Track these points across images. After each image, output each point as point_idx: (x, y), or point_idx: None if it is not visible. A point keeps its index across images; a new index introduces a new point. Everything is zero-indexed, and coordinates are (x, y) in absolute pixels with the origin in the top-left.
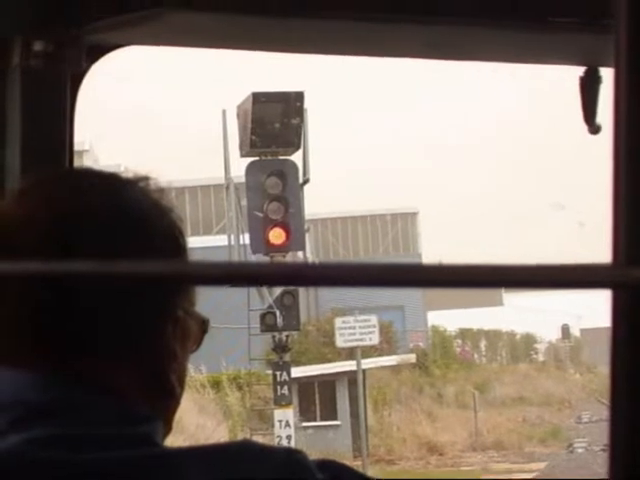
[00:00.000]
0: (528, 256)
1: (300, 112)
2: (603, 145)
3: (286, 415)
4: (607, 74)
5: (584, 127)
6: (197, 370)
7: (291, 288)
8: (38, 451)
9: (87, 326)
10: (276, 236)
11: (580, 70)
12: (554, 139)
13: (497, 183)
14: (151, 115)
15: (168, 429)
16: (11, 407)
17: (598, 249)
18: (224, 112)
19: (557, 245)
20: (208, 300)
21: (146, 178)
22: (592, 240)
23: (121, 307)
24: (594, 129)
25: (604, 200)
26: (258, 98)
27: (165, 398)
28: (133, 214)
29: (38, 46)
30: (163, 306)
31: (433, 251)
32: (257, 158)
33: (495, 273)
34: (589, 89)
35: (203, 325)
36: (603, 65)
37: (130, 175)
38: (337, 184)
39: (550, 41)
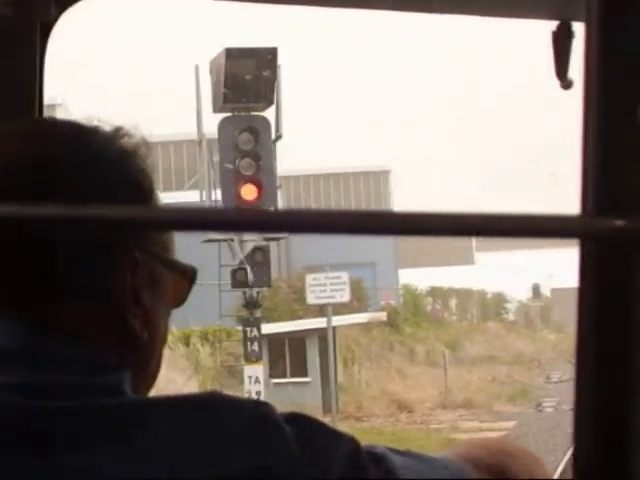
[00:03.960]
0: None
1: (272, 65)
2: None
3: (256, 371)
4: (579, 28)
5: (556, 82)
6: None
7: (263, 244)
8: (3, 397)
9: (47, 271)
10: (248, 192)
11: (552, 24)
12: (525, 93)
13: (470, 140)
14: (123, 68)
15: (145, 381)
16: None
17: (570, 201)
18: (197, 67)
19: (531, 200)
20: (178, 256)
21: (119, 128)
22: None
23: (74, 250)
24: (566, 84)
25: (575, 153)
26: (231, 53)
27: (131, 345)
28: (98, 162)
29: None
30: (113, 246)
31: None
32: (230, 114)
33: (464, 221)
34: (561, 44)
35: (186, 275)
36: (575, 20)
37: (104, 125)
38: (310, 141)
39: None
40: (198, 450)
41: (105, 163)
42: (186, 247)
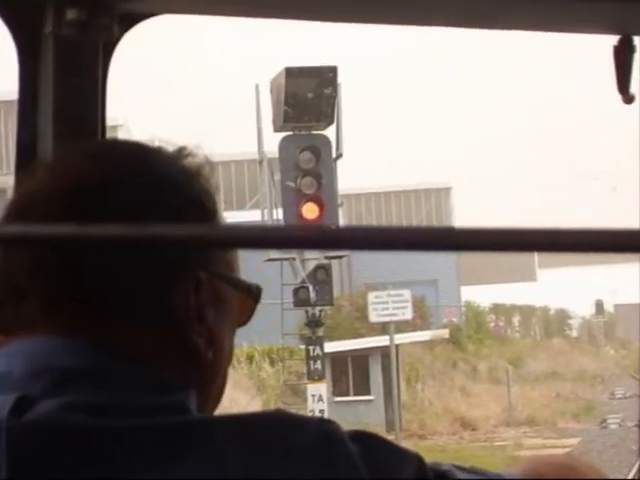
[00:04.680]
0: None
1: (333, 83)
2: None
3: (319, 389)
4: None
5: (617, 97)
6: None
7: (324, 262)
8: (72, 416)
9: (108, 290)
10: (309, 210)
11: (614, 39)
12: (586, 109)
13: (529, 156)
14: (183, 88)
15: (210, 400)
16: (46, 372)
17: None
18: (257, 87)
19: (591, 214)
20: (240, 275)
21: (182, 148)
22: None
23: (136, 269)
24: (628, 98)
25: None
26: (291, 72)
27: (195, 365)
28: (161, 182)
29: (71, 14)
30: (176, 265)
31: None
32: (290, 133)
33: (528, 237)
34: (623, 58)
35: (251, 293)
36: (637, 34)
37: (166, 145)
38: (370, 159)
39: (584, 9)
40: (264, 468)
41: (168, 184)
42: (248, 266)
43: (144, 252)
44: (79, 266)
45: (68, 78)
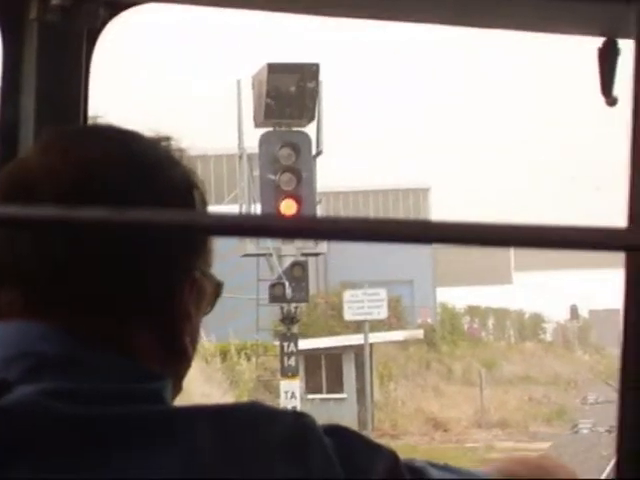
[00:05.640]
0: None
1: (316, 77)
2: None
3: (292, 386)
4: (625, 45)
5: (600, 98)
6: (206, 339)
7: (301, 259)
8: (48, 402)
9: (104, 282)
10: (288, 207)
11: (598, 41)
12: (566, 110)
13: (510, 158)
14: (164, 80)
15: (178, 389)
16: (22, 358)
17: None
18: (238, 82)
19: (577, 215)
20: (217, 269)
21: (166, 138)
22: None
23: (140, 265)
24: (611, 101)
25: (620, 166)
26: (274, 68)
27: (178, 359)
28: (148, 166)
29: (55, 0)
30: (182, 265)
31: None
32: (271, 129)
33: (507, 232)
34: (607, 61)
35: (217, 288)
36: (621, 36)
37: (151, 133)
38: (350, 158)
39: (568, 11)
40: (237, 459)
41: (153, 168)
42: (225, 261)
43: (142, 246)
44: (59, 253)
45: (52, 64)
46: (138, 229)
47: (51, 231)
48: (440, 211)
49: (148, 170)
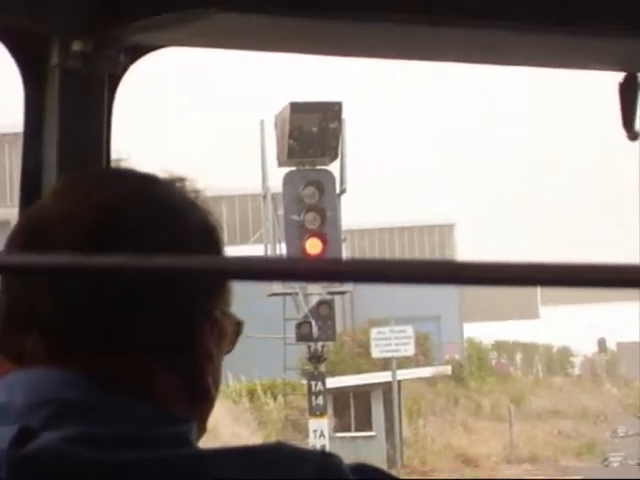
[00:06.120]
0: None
1: (338, 117)
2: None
3: (321, 425)
4: None
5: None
6: (235, 379)
7: (327, 298)
8: (73, 449)
9: (123, 326)
10: (313, 245)
11: (619, 76)
12: (586, 140)
13: (533, 190)
14: (187, 122)
15: (202, 431)
16: (45, 404)
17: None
18: (262, 122)
19: (598, 251)
20: (244, 309)
21: (181, 179)
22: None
23: (159, 306)
24: (633, 135)
25: None
26: (296, 107)
27: (201, 400)
28: (167, 210)
29: (76, 46)
30: (202, 306)
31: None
32: (295, 168)
33: (530, 271)
34: (628, 95)
35: (237, 326)
36: None
37: (165, 175)
38: (374, 195)
39: (589, 46)
40: None
41: (175, 212)
42: (251, 301)
43: (165, 291)
44: (77, 298)
45: (73, 110)
46: (162, 275)
47: (69, 277)
48: (465, 246)
49: (168, 213)
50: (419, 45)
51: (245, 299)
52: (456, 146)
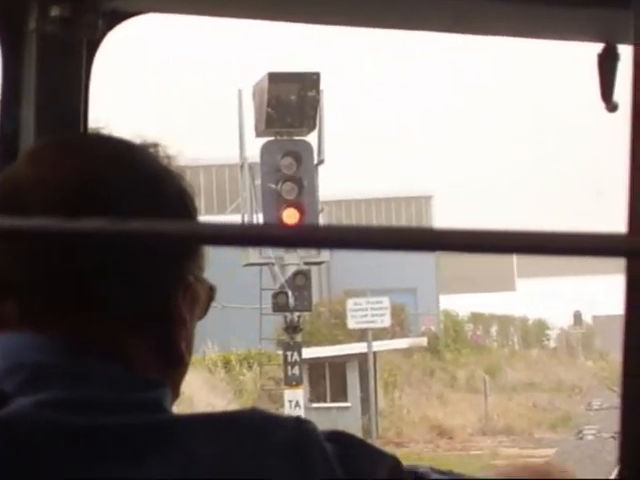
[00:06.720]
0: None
1: (317, 87)
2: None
3: (296, 395)
4: (625, 51)
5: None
6: (209, 348)
7: (304, 268)
8: (46, 414)
9: (98, 291)
10: (290, 216)
11: (598, 47)
12: (567, 111)
13: (513, 161)
14: (165, 90)
15: (176, 396)
16: (18, 369)
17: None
18: (240, 92)
19: (579, 220)
20: (220, 279)
21: (155, 145)
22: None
23: (134, 271)
24: (611, 106)
25: (621, 171)
26: (274, 77)
27: (175, 365)
28: (143, 176)
29: (55, 11)
30: (175, 271)
31: None
32: (272, 138)
33: (508, 238)
34: (607, 66)
35: (210, 292)
36: (621, 42)
37: (139, 140)
38: (352, 166)
39: (568, 17)
40: (240, 465)
41: (150, 178)
42: (226, 271)
43: (140, 255)
44: (52, 263)
45: (51, 75)
46: (139, 240)
47: (44, 242)
48: (443, 218)
49: (147, 178)
50: (395, 14)
51: (221, 269)
52: (436, 118)
